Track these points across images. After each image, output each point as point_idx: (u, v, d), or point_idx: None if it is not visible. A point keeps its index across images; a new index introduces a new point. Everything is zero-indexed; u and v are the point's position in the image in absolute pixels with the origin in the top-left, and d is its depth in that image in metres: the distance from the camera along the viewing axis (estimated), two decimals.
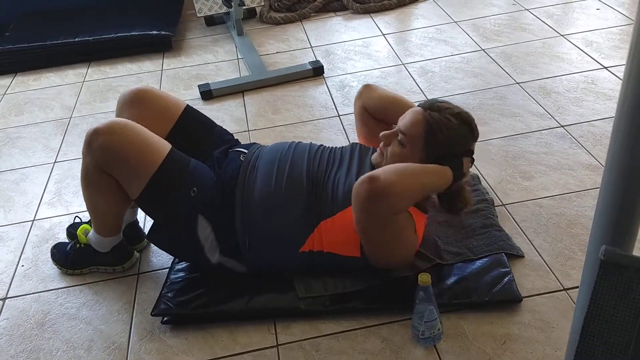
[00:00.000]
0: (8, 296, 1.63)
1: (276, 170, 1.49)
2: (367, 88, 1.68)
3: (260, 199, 1.46)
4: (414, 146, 1.42)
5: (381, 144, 1.49)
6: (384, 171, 1.31)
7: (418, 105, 1.49)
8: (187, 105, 1.68)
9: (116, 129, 1.41)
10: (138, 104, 1.60)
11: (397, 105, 1.59)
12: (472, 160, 1.47)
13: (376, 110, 1.65)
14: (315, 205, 1.44)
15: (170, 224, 1.48)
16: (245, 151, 1.59)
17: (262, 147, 1.62)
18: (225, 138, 1.71)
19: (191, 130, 1.65)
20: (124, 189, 1.46)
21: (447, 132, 1.41)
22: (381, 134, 1.48)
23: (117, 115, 1.62)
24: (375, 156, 1.51)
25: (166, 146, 1.47)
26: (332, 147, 1.61)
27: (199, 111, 1.71)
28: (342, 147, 1.62)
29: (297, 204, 1.45)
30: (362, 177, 1.30)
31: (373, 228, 1.34)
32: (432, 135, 1.41)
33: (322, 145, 1.62)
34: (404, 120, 1.46)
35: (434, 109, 1.44)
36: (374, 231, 1.35)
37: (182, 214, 1.45)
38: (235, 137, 1.76)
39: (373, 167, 1.50)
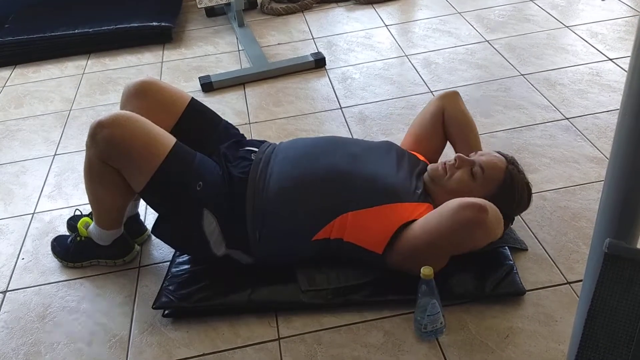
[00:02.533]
0: (8, 289, 1.63)
1: (299, 160, 1.48)
2: (456, 95, 1.66)
3: (275, 194, 1.44)
4: (484, 187, 1.43)
5: (450, 162, 1.48)
6: (491, 209, 1.30)
7: (500, 153, 1.51)
8: (192, 98, 1.67)
9: (120, 121, 1.40)
10: (143, 96, 1.59)
11: (472, 131, 1.64)
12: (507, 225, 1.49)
13: (452, 121, 1.63)
14: (343, 195, 1.42)
15: (175, 218, 1.47)
16: (256, 150, 1.57)
17: (275, 145, 1.60)
18: (231, 132, 1.70)
19: (196, 123, 1.64)
20: (127, 182, 1.45)
21: (519, 194, 1.46)
22: (458, 154, 1.49)
23: (122, 107, 1.61)
24: (434, 168, 1.50)
25: (171, 139, 1.45)
26: (363, 140, 1.62)
27: (204, 104, 1.70)
28: (375, 141, 1.62)
29: (319, 192, 1.43)
30: (469, 201, 1.29)
31: (442, 248, 1.36)
32: (507, 189, 1.44)
33: (351, 137, 1.61)
34: (486, 158, 1.47)
35: (516, 165, 1.49)
36: (439, 251, 1.36)
37: (187, 208, 1.44)
38: (241, 132, 1.74)
39: (419, 174, 1.52)
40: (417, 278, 1.30)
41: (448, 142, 1.69)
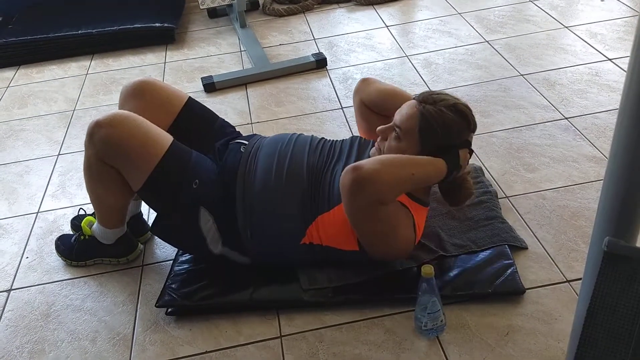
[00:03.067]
0: (13, 288, 1.64)
1: (276, 162, 1.49)
2: (364, 82, 1.67)
3: (260, 190, 1.46)
4: (409, 140, 1.42)
5: (378, 139, 1.49)
6: (367, 161, 1.32)
7: (413, 98, 1.48)
8: (190, 97, 1.68)
9: (118, 121, 1.41)
10: (140, 95, 1.60)
11: (394, 99, 1.58)
12: (471, 152, 1.47)
13: (374, 104, 1.64)
14: (313, 199, 1.45)
15: (172, 216, 1.49)
16: (246, 142, 1.59)
17: (263, 139, 1.62)
18: (227, 130, 1.71)
19: (193, 122, 1.65)
20: (126, 181, 1.47)
21: (441, 125, 1.40)
22: (378, 128, 1.48)
23: (120, 107, 1.62)
24: (373, 151, 1.51)
25: (168, 138, 1.47)
26: (332, 140, 1.61)
27: (201, 103, 1.71)
28: (343, 140, 1.61)
29: (296, 196, 1.45)
30: (346, 168, 1.31)
31: (362, 219, 1.34)
32: (426, 128, 1.40)
33: (323, 138, 1.62)
34: (399, 114, 1.45)
35: (428, 101, 1.43)
36: (363, 223, 1.35)
37: (184, 206, 1.46)
38: (237, 130, 1.76)
39: None
40: (418, 276, 1.31)
41: None
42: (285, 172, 1.47)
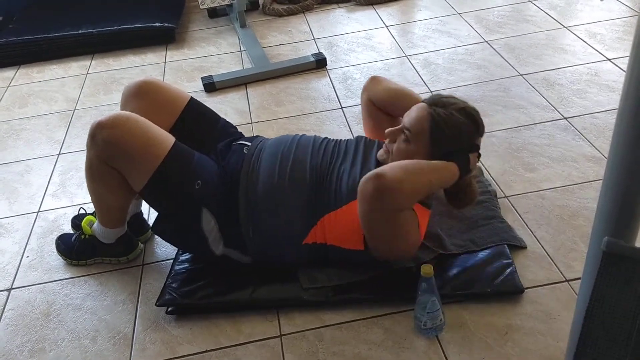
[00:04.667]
0: (13, 287, 1.64)
1: (279, 163, 1.49)
2: (373, 80, 1.67)
3: (263, 191, 1.46)
4: (419, 143, 1.42)
5: (387, 141, 1.49)
6: (390, 168, 1.31)
7: (423, 101, 1.48)
8: (192, 97, 1.69)
9: (119, 122, 1.41)
10: (142, 95, 1.60)
11: (403, 99, 1.59)
12: (479, 155, 1.47)
13: (382, 103, 1.65)
14: (318, 199, 1.45)
15: (174, 216, 1.49)
16: (249, 144, 1.59)
17: (265, 140, 1.62)
18: (229, 131, 1.71)
19: (195, 122, 1.65)
20: (128, 182, 1.47)
21: (452, 128, 1.41)
22: (386, 130, 1.47)
23: (122, 107, 1.63)
24: (380, 152, 1.51)
25: (170, 139, 1.47)
26: (336, 140, 1.61)
27: (203, 104, 1.71)
28: (347, 140, 1.61)
29: (300, 196, 1.45)
30: (368, 174, 1.30)
31: (378, 224, 1.35)
32: (437, 132, 1.41)
33: (326, 137, 1.62)
34: (409, 117, 1.45)
35: (438, 104, 1.44)
36: (378, 227, 1.35)
37: (186, 207, 1.46)
38: (240, 130, 1.76)
39: (378, 163, 1.50)
40: (417, 276, 1.31)
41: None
42: (289, 173, 1.47)
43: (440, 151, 1.41)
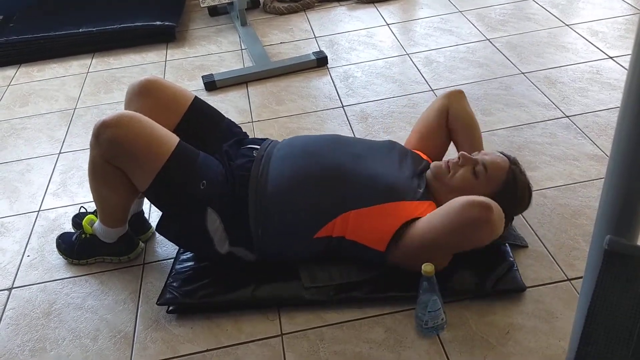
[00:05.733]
0: (14, 286, 1.64)
1: (293, 163, 1.48)
2: (461, 94, 1.66)
3: (275, 192, 1.45)
4: (487, 186, 1.44)
5: (454, 160, 1.49)
6: (496, 207, 1.30)
7: (503, 154, 1.52)
8: (196, 96, 1.68)
9: (124, 121, 1.41)
10: (146, 95, 1.60)
11: (476, 131, 1.65)
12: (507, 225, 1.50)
13: (456, 119, 1.64)
14: (339, 194, 1.43)
15: (179, 216, 1.48)
16: (258, 147, 1.58)
17: (275, 142, 1.61)
18: (234, 131, 1.71)
19: (199, 122, 1.65)
20: (131, 182, 1.47)
21: (521, 193, 1.48)
22: (462, 152, 1.49)
23: (126, 106, 1.62)
24: (438, 165, 1.51)
25: (174, 139, 1.46)
26: (365, 139, 1.62)
27: (207, 103, 1.71)
28: (378, 140, 1.62)
29: (315, 193, 1.44)
30: (476, 199, 1.30)
31: (446, 246, 1.37)
32: (509, 189, 1.45)
33: (353, 137, 1.62)
34: (490, 158, 1.47)
35: (519, 167, 1.50)
36: (443, 249, 1.37)
37: (191, 207, 1.45)
38: (244, 130, 1.75)
39: (422, 172, 1.52)
40: (419, 275, 1.31)
41: (452, 144, 1.70)
42: (304, 171, 1.46)
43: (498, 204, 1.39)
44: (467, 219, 1.29)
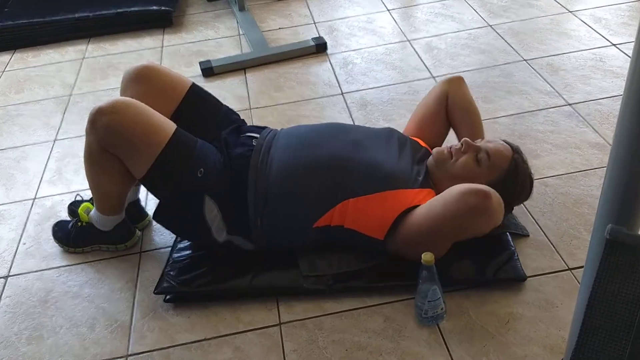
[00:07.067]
0: (10, 274, 1.63)
1: (293, 152, 1.47)
2: (461, 80, 1.65)
3: (276, 182, 1.43)
4: (489, 174, 1.43)
5: (456, 147, 1.48)
6: (495, 196, 1.29)
7: (505, 142, 1.50)
8: (193, 83, 1.66)
9: (120, 108, 1.39)
10: (143, 81, 1.58)
11: (476, 117, 1.63)
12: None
13: (456, 106, 1.62)
14: (338, 183, 1.42)
15: (176, 204, 1.47)
16: (257, 135, 1.56)
17: (276, 130, 1.59)
18: (232, 118, 1.69)
19: (197, 109, 1.63)
20: (128, 169, 1.45)
21: (522, 183, 1.46)
22: (465, 139, 1.47)
23: (122, 92, 1.60)
24: (440, 151, 1.49)
25: (171, 126, 1.45)
26: (365, 127, 1.60)
27: (204, 89, 1.69)
28: (377, 128, 1.61)
29: (315, 183, 1.43)
30: (475, 187, 1.29)
31: (445, 235, 1.36)
32: (511, 178, 1.44)
33: (352, 124, 1.60)
34: (493, 145, 1.46)
35: (522, 156, 1.48)
36: (442, 237, 1.36)
37: (188, 195, 1.44)
38: (242, 117, 1.73)
39: (421, 159, 1.51)
40: (418, 264, 1.30)
41: (451, 131, 1.68)
42: (304, 160, 1.45)
43: (498, 193, 1.37)
44: (465, 207, 1.28)
